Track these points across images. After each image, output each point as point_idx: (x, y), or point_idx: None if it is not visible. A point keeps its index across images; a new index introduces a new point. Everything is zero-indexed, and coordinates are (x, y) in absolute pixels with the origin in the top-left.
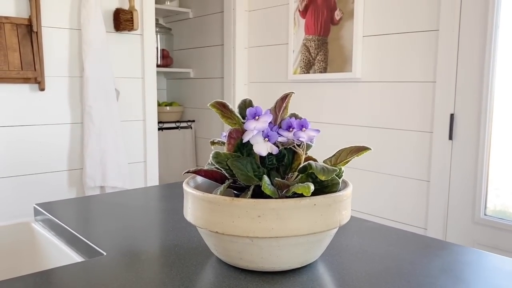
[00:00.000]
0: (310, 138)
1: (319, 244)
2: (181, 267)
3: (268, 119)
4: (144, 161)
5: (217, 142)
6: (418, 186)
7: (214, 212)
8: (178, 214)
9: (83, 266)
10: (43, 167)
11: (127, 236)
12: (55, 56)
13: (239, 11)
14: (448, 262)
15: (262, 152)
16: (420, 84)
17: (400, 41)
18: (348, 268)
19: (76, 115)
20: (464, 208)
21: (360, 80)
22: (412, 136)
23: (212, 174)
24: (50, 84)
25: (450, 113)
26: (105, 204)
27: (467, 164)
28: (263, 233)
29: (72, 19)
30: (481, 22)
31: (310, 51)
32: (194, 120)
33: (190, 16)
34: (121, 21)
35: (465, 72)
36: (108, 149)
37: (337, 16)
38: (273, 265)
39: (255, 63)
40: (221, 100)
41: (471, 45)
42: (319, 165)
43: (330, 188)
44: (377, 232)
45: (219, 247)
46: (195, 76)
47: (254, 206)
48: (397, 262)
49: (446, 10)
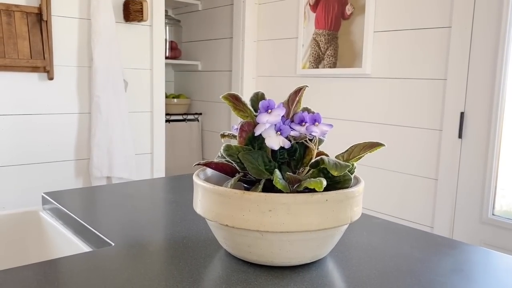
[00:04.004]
0: (323, 133)
1: (329, 240)
2: (190, 259)
3: (281, 113)
4: (151, 152)
5: (227, 135)
6: (426, 184)
7: (224, 205)
8: (186, 206)
9: (92, 256)
10: (51, 156)
11: (135, 227)
12: (64, 46)
13: (249, 4)
14: (458, 261)
15: (274, 146)
16: (431, 82)
17: (412, 38)
18: (358, 265)
19: (84, 105)
20: (471, 207)
21: (370, 76)
22: (421, 133)
23: (222, 167)
24: (58, 73)
25: (460, 111)
26: (113, 194)
27: (476, 163)
28: (274, 228)
29: (82, 8)
30: (495, 20)
31: (320, 46)
32: (201, 113)
33: (199, 8)
34: (131, 11)
35: (476, 70)
36: (115, 139)
37: (348, 11)
38: (283, 260)
39: (263, 56)
40: (234, 93)
41: (484, 43)
42: (331, 160)
43: (342, 184)
44: (386, 229)
45: (228, 240)
46: (203, 69)
47: (265, 200)
48: (407, 260)
49: (459, 7)
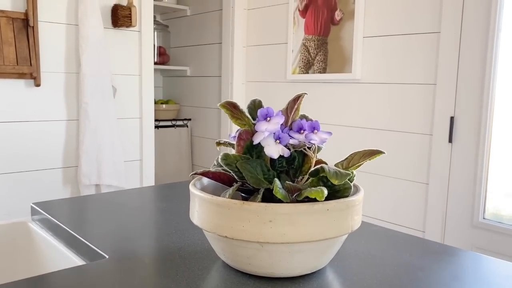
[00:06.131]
0: (322, 141)
1: (330, 249)
2: (187, 271)
3: (280, 121)
4: (140, 159)
5: (223, 143)
6: (416, 189)
7: (223, 215)
8: (180, 215)
9: (85, 270)
10: (38, 164)
11: (129, 237)
12: (51, 52)
13: (238, 10)
14: (458, 268)
15: (273, 154)
16: (421, 86)
17: (401, 43)
18: (358, 274)
19: (72, 111)
20: (462, 211)
21: (360, 81)
22: (411, 138)
23: (220, 176)
24: (45, 79)
25: (450, 116)
26: (104, 204)
27: (466, 167)
28: (275, 239)
29: (69, 14)
30: (483, 25)
31: (309, 51)
32: (190, 118)
33: (187, 14)
34: (119, 17)
35: (466, 75)
36: (104, 146)
37: (337, 16)
38: (283, 271)
39: (253, 62)
40: (232, 101)
41: (472, 48)
42: (332, 168)
43: (342, 192)
44: (384, 237)
45: (227, 252)
46: (192, 74)
47: (266, 210)
48: (408, 269)
49: (448, 13)
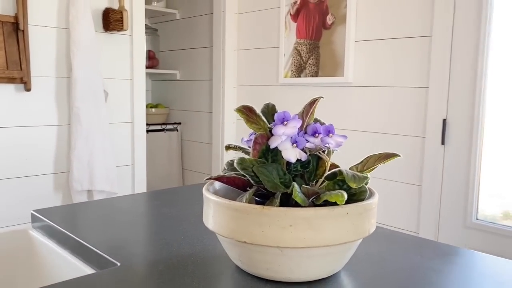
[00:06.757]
0: (338, 144)
1: (347, 253)
2: (203, 277)
3: (297, 125)
4: (132, 164)
5: (233, 147)
6: (410, 191)
7: (242, 221)
8: (186, 221)
9: (99, 278)
10: (28, 170)
11: (137, 244)
12: (42, 56)
13: (229, 13)
14: (470, 269)
15: (291, 158)
16: (413, 89)
17: (393, 47)
18: (374, 278)
19: (63, 116)
20: (456, 212)
21: (352, 85)
22: (404, 140)
23: (234, 181)
24: (36, 84)
25: (443, 118)
26: (107, 210)
27: (459, 168)
28: (295, 243)
29: (60, 17)
30: (474, 29)
31: (301, 55)
32: (180, 122)
33: (177, 17)
34: (111, 21)
35: (457, 78)
36: (96, 151)
37: (329, 21)
38: (301, 276)
39: (244, 66)
40: (248, 105)
41: (464, 51)
42: (349, 172)
43: (358, 196)
44: (391, 239)
45: (244, 257)
46: (182, 78)
47: (286, 215)
48: (421, 271)
49: (439, 16)
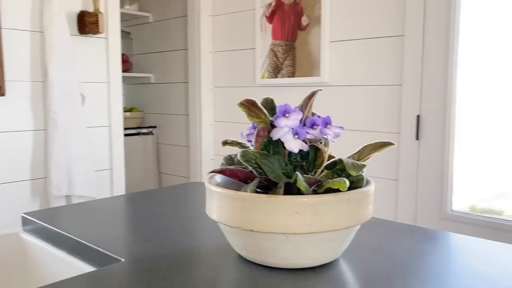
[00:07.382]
0: (336, 135)
1: (347, 238)
2: (209, 268)
3: (298, 117)
4: (110, 168)
5: (230, 143)
6: (387, 185)
7: (249, 210)
8: (181, 217)
9: (102, 274)
10: (4, 176)
11: (138, 241)
12: (16, 60)
13: (204, 16)
14: (460, 250)
15: (294, 149)
16: (387, 87)
17: (367, 46)
18: (374, 262)
19: (39, 121)
20: (432, 205)
21: (328, 84)
22: (380, 137)
23: (236, 174)
24: (11, 89)
25: (417, 115)
26: (99, 210)
27: (433, 162)
28: (301, 229)
29: (33, 20)
30: (444, 28)
31: (277, 56)
32: (155, 126)
33: (150, 20)
34: (86, 23)
35: (430, 75)
36: (74, 156)
37: (304, 22)
38: (305, 261)
39: (220, 67)
40: (251, 99)
41: (435, 50)
42: (349, 160)
43: (356, 183)
44: (383, 227)
45: (250, 246)
46: (156, 81)
47: (292, 203)
48: (415, 253)
49: (410, 17)
